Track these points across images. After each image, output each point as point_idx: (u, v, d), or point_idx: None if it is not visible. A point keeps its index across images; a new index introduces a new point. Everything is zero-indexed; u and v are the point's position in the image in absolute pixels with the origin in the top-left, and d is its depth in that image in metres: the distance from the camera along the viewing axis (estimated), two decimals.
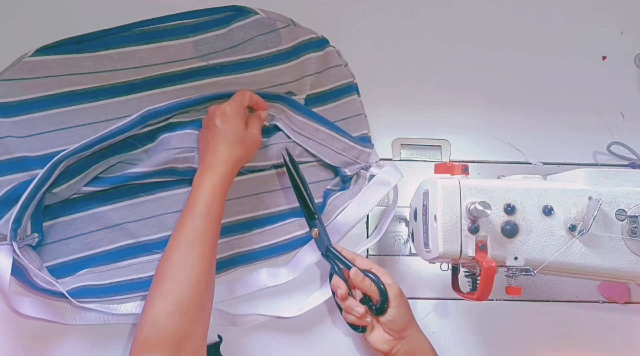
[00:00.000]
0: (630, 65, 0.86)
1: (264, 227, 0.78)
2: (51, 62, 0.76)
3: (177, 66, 0.78)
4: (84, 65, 0.76)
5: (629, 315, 0.80)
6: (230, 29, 0.79)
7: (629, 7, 0.89)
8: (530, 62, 0.86)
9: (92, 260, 0.74)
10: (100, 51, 0.77)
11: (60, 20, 0.80)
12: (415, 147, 0.83)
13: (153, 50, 0.78)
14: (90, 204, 0.75)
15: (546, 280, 0.81)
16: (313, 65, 0.80)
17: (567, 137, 0.85)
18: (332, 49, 0.81)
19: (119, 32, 0.77)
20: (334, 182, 0.80)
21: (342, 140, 0.78)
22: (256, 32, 0.79)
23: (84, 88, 0.76)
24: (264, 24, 0.79)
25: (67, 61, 0.76)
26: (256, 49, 0.79)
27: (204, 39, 0.78)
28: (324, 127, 0.78)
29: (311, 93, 0.80)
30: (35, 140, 0.74)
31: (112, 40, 0.77)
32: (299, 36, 0.80)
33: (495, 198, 0.66)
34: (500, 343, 0.79)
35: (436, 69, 0.85)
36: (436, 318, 0.79)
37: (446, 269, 0.74)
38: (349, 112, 0.81)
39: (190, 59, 0.78)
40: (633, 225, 0.66)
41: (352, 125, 0.80)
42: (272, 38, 0.79)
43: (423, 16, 0.86)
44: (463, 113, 0.84)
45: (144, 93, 0.77)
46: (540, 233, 0.66)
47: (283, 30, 0.79)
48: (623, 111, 0.86)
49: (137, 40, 0.77)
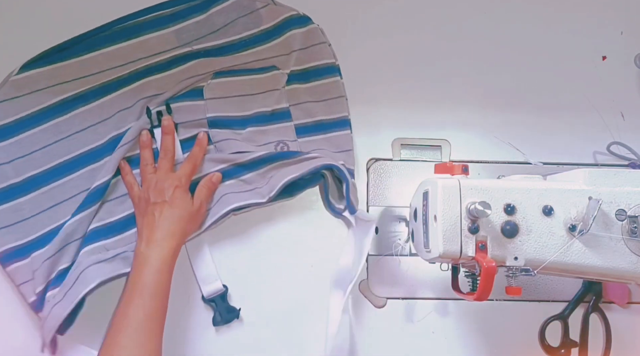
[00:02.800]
0: (630, 65, 0.86)
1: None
2: (38, 75, 0.75)
3: (161, 56, 0.78)
4: (71, 72, 0.76)
5: (629, 315, 0.80)
6: (210, 13, 0.79)
7: (629, 7, 0.89)
8: (530, 62, 0.86)
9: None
10: (84, 55, 0.77)
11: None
12: (415, 147, 0.83)
13: (136, 45, 0.77)
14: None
15: (546, 280, 0.81)
16: (297, 42, 0.80)
17: (567, 137, 0.85)
18: (316, 26, 0.80)
19: (100, 33, 0.77)
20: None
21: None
22: (236, 15, 0.79)
23: (74, 93, 0.76)
24: (243, 5, 0.79)
25: (53, 71, 0.76)
26: (238, 31, 0.79)
27: (185, 27, 0.78)
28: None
29: (295, 70, 0.80)
30: (39, 155, 0.75)
31: (94, 42, 0.77)
32: (280, 14, 0.80)
33: (495, 198, 0.66)
34: (500, 343, 0.79)
35: (436, 69, 0.85)
36: (436, 318, 0.79)
37: (446, 269, 0.74)
38: (331, 93, 0.81)
39: (174, 48, 0.78)
40: (633, 225, 0.66)
41: (334, 107, 0.80)
42: (252, 19, 0.79)
43: (423, 16, 0.86)
44: (463, 113, 0.84)
45: (133, 85, 0.77)
46: (540, 233, 0.66)
47: (263, 10, 0.79)
48: (623, 111, 0.86)
49: (119, 37, 0.77)
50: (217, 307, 0.75)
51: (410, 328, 0.78)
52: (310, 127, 0.80)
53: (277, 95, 0.80)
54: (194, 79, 0.79)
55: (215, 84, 0.79)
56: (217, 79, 0.79)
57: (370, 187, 0.82)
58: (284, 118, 0.80)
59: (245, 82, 0.80)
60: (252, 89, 0.80)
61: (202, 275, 0.76)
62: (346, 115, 0.81)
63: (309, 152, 0.78)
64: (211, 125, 0.78)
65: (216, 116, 0.78)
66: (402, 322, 0.78)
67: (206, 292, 0.75)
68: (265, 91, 0.80)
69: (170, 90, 0.78)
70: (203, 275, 0.76)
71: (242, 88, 0.79)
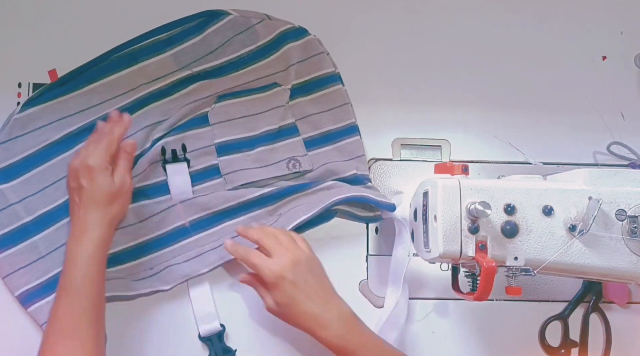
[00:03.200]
0: (630, 65, 0.86)
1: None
2: (40, 111, 0.75)
3: (162, 81, 0.78)
4: (73, 105, 0.76)
5: (629, 315, 0.80)
6: (206, 34, 0.78)
7: (629, 7, 0.89)
8: (531, 62, 0.86)
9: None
10: (85, 87, 0.76)
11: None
12: (415, 147, 0.83)
13: (135, 73, 0.77)
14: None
15: (546, 280, 0.81)
16: (295, 55, 0.80)
17: (567, 137, 0.85)
18: (313, 37, 0.80)
19: (98, 63, 0.77)
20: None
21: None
22: (232, 33, 0.79)
23: (78, 127, 0.76)
24: (239, 23, 0.79)
25: (55, 106, 0.76)
26: (235, 49, 0.79)
27: (182, 50, 0.78)
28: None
29: (296, 83, 0.80)
30: (50, 191, 0.74)
31: (94, 73, 0.77)
32: (276, 28, 0.79)
33: (495, 198, 0.66)
34: (500, 343, 0.79)
35: (436, 69, 0.85)
36: (436, 318, 0.79)
37: (446, 269, 0.74)
38: (335, 101, 0.80)
39: (173, 72, 0.78)
40: (633, 225, 0.66)
41: (339, 115, 0.80)
42: (249, 36, 0.79)
43: (423, 16, 0.86)
44: (463, 113, 0.84)
45: (136, 113, 0.77)
46: (540, 233, 0.66)
47: (259, 26, 0.79)
48: (623, 111, 0.86)
49: (117, 66, 0.77)
50: (213, 346, 0.74)
51: (410, 328, 0.78)
52: (319, 138, 0.80)
53: (281, 112, 0.80)
54: (197, 103, 0.78)
55: (219, 108, 0.79)
56: (221, 102, 0.79)
57: None
58: (291, 134, 0.80)
59: (249, 102, 0.80)
60: (257, 109, 0.79)
61: (201, 313, 0.75)
62: (353, 121, 0.80)
63: (321, 181, 0.78)
64: (219, 151, 0.78)
65: (223, 141, 0.78)
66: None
67: (203, 331, 0.74)
68: (269, 109, 0.80)
69: (173, 116, 0.77)
70: (202, 314, 0.75)
71: (246, 109, 0.79)
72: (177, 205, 0.76)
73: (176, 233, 0.76)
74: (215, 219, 0.77)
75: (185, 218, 0.76)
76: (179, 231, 0.76)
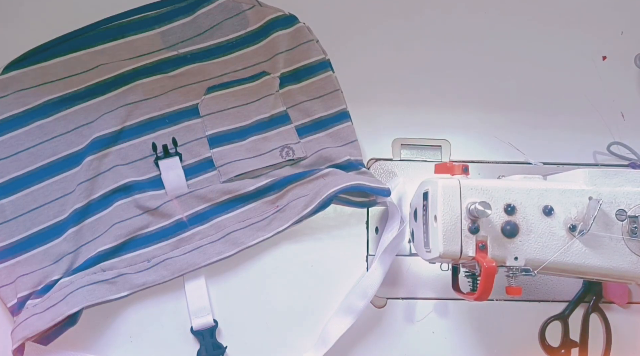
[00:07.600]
0: (630, 65, 0.86)
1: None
2: (22, 75, 0.75)
3: (147, 59, 0.77)
4: (55, 72, 0.76)
5: (629, 315, 0.80)
6: (196, 16, 0.78)
7: (629, 7, 0.89)
8: (530, 62, 0.86)
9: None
10: (69, 54, 0.76)
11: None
12: (415, 147, 0.83)
13: (121, 46, 0.77)
14: None
15: (546, 280, 0.81)
16: (284, 43, 0.80)
17: (567, 137, 0.85)
18: (302, 25, 0.80)
19: (84, 33, 0.76)
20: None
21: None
22: (222, 17, 0.79)
23: (59, 95, 0.75)
24: (230, 8, 0.79)
25: (37, 71, 0.75)
26: (224, 33, 0.79)
27: (171, 29, 0.78)
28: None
29: (285, 72, 0.80)
30: (24, 156, 0.74)
31: (79, 42, 0.76)
32: (266, 15, 0.79)
33: (495, 198, 0.66)
34: (500, 343, 0.79)
35: (436, 69, 0.85)
36: (436, 318, 0.79)
37: (446, 269, 0.74)
38: (326, 89, 0.80)
39: (159, 51, 0.78)
40: (633, 225, 0.66)
41: (331, 102, 0.80)
42: (239, 21, 0.79)
43: (423, 16, 0.86)
44: (463, 113, 0.84)
45: (119, 89, 0.77)
46: (541, 234, 0.66)
47: (249, 12, 0.79)
48: (623, 111, 0.86)
49: (104, 38, 0.77)
50: (204, 341, 0.74)
51: (410, 328, 0.78)
52: (311, 126, 0.80)
53: (272, 100, 0.79)
54: (184, 89, 0.78)
55: (209, 100, 0.79)
56: (210, 94, 0.79)
57: None
58: (283, 122, 0.80)
59: (238, 92, 0.79)
60: (247, 98, 0.79)
61: (195, 307, 0.75)
62: (344, 107, 0.80)
63: (316, 170, 0.78)
64: (212, 143, 0.78)
65: (215, 132, 0.78)
66: (402, 322, 0.78)
67: (196, 325, 0.74)
68: (259, 98, 0.79)
69: (159, 98, 0.77)
70: (195, 307, 0.75)
71: (237, 99, 0.79)
72: (172, 200, 0.76)
73: (174, 227, 0.76)
74: (213, 212, 0.77)
75: (182, 212, 0.76)
76: (177, 225, 0.76)
